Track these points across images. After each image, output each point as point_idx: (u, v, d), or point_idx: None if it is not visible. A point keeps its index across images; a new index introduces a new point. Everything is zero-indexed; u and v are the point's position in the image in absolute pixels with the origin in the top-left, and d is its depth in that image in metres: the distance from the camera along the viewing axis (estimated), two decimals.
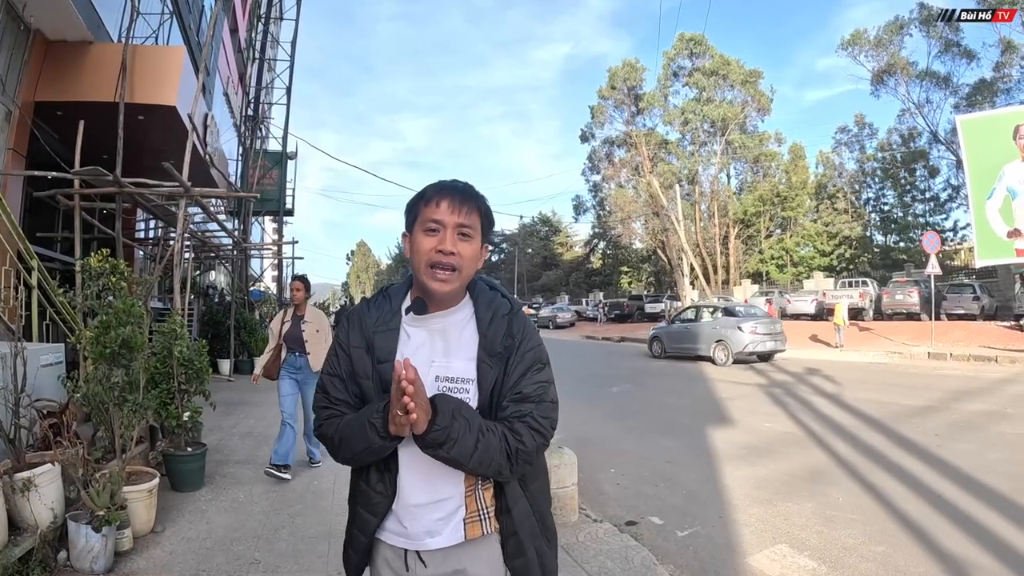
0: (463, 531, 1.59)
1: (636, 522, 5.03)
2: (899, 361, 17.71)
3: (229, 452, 6.85)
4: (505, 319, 1.65)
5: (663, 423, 9.34)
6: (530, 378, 1.61)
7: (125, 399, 4.73)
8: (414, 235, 1.63)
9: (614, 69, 51.79)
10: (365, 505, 1.63)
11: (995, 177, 22.92)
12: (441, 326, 1.65)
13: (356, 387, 1.65)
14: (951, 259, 39.62)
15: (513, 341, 1.62)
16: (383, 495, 1.60)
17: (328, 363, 1.70)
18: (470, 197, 1.63)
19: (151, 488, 4.45)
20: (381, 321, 1.65)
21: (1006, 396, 10.96)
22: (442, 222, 1.58)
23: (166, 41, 12.61)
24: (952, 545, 4.35)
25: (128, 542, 4.10)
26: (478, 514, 1.61)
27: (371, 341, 1.63)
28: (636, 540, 4.42)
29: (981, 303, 25.67)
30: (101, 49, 9.65)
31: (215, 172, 13.83)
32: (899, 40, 40.91)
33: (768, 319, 19.29)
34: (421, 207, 1.62)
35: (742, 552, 4.36)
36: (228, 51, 20.58)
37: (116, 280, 5.98)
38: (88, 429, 5.08)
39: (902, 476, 6.13)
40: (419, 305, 1.63)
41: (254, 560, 4.00)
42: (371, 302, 1.73)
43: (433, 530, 1.59)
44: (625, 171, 53.38)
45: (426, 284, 1.59)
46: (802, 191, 49.64)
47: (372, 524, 1.62)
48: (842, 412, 9.71)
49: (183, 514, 4.85)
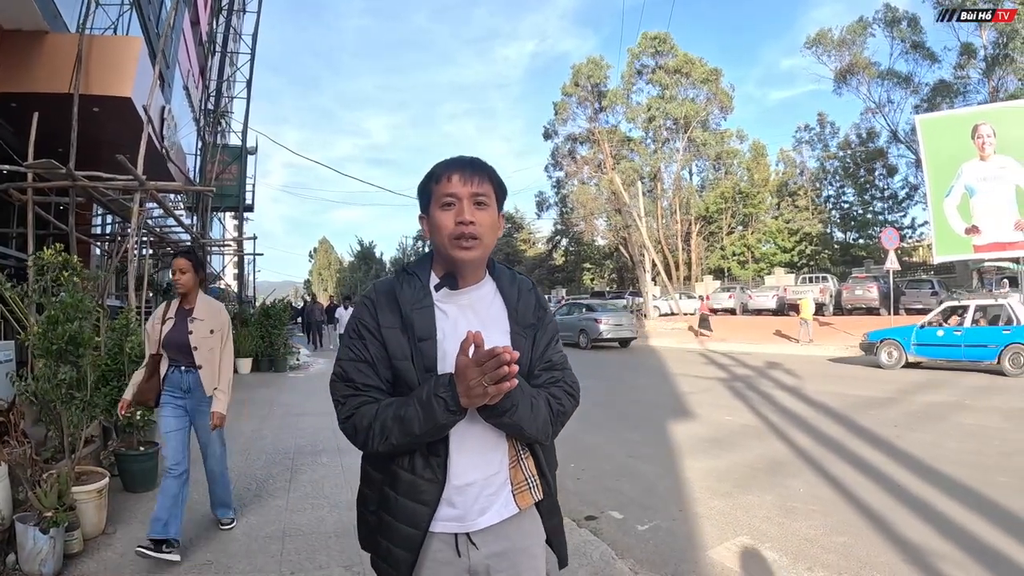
0: (514, 502, 1.62)
1: (596, 516, 5.00)
2: (860, 354, 17.96)
3: None
4: (532, 293, 1.73)
5: (627, 417, 9.35)
6: (555, 348, 1.74)
7: (73, 397, 4.59)
8: (431, 214, 1.61)
9: (578, 66, 51.80)
10: (412, 496, 1.54)
11: (953, 175, 23.47)
12: (469, 301, 1.65)
13: (388, 371, 1.59)
14: (910, 255, 40.56)
15: (544, 313, 1.74)
16: (432, 480, 1.54)
17: (350, 349, 1.62)
18: (480, 167, 1.62)
19: (100, 488, 4.31)
20: (415, 299, 1.60)
21: (964, 387, 11.24)
22: (456, 194, 1.57)
23: (126, 32, 12.35)
24: (912, 534, 4.39)
25: (78, 544, 3.98)
26: (526, 483, 1.64)
27: (410, 319, 1.57)
28: (595, 535, 4.38)
29: (939, 298, 26.14)
30: (57, 39, 9.40)
31: (173, 167, 13.57)
32: (862, 40, 41.59)
33: (618, 313, 24.82)
34: (433, 186, 1.61)
35: (702, 545, 4.35)
36: (189, 43, 20.23)
37: (68, 275, 5.81)
38: (42, 429, 4.94)
39: (862, 467, 6.20)
40: (452, 280, 1.62)
41: (207, 561, 3.91)
42: (399, 280, 1.66)
43: (484, 507, 1.58)
44: (588, 168, 53.45)
45: (453, 256, 1.57)
46: (763, 188, 50.28)
47: (425, 515, 1.53)
48: (803, 404, 9.84)
49: (135, 515, 4.70)
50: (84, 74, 9.18)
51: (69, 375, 4.62)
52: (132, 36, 11.84)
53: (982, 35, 35.31)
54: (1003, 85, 34.51)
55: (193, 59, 21.27)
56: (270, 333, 14.48)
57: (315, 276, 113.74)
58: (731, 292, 34.79)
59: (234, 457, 6.35)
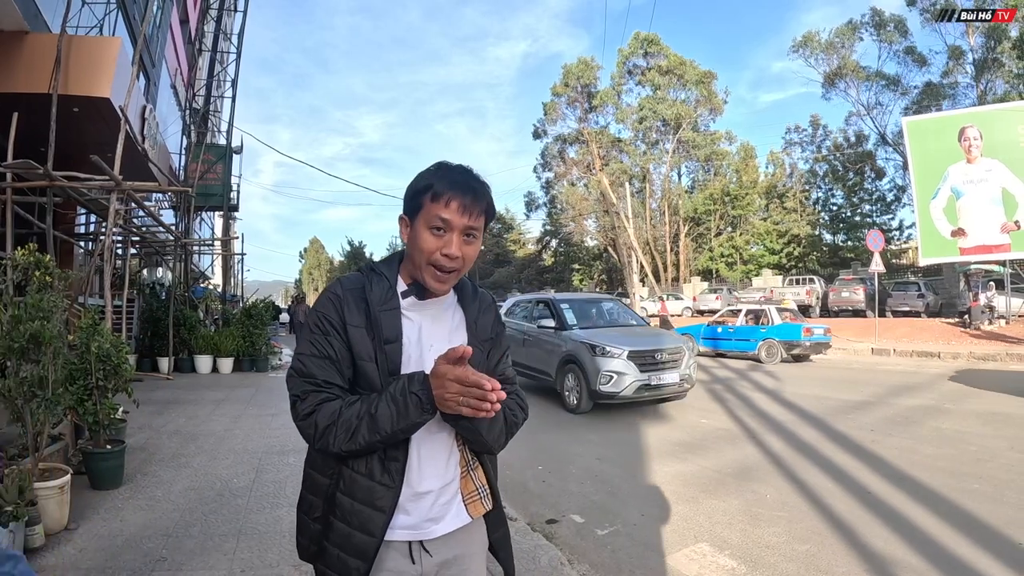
0: (466, 511, 1.63)
1: (557, 520, 4.97)
2: (843, 357, 18.04)
3: (154, 450, 6.66)
4: (491, 308, 1.76)
5: (597, 419, 9.29)
6: (506, 362, 1.78)
7: (35, 394, 4.59)
8: (416, 227, 1.55)
9: (568, 66, 51.94)
10: (368, 502, 1.51)
11: (940, 177, 23.56)
12: (433, 312, 1.65)
13: (350, 370, 1.55)
14: (897, 258, 40.67)
15: (502, 329, 1.78)
16: (389, 486, 1.51)
17: (312, 344, 1.55)
18: (480, 197, 1.56)
19: (62, 484, 4.35)
20: (384, 300, 1.57)
21: (945, 391, 11.17)
22: (451, 223, 1.51)
23: (112, 30, 12.33)
24: (879, 544, 4.34)
25: (40, 539, 4.02)
26: (477, 493, 1.66)
27: (377, 320, 1.55)
28: (548, 539, 4.36)
29: (926, 300, 26.34)
30: (37, 39, 9.41)
31: (154, 167, 13.53)
32: (851, 43, 41.66)
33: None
34: (427, 201, 1.53)
35: (661, 551, 4.33)
36: (178, 42, 20.17)
37: (41, 274, 5.79)
38: (17, 428, 4.95)
39: (834, 472, 6.17)
40: (420, 290, 1.60)
41: (161, 557, 3.93)
42: (368, 279, 1.62)
43: (437, 516, 1.58)
44: (577, 169, 53.70)
45: (425, 281, 1.56)
46: (752, 190, 50.31)
47: (381, 521, 1.50)
48: (780, 408, 9.83)
49: (98, 512, 4.74)
50: (63, 74, 9.17)
51: (31, 373, 4.63)
52: (111, 36, 11.79)
53: (970, 39, 35.44)
54: (991, 88, 34.61)
55: (182, 57, 21.22)
56: (251, 333, 14.42)
57: (305, 276, 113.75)
58: (718, 294, 34.89)
59: (201, 457, 6.41)
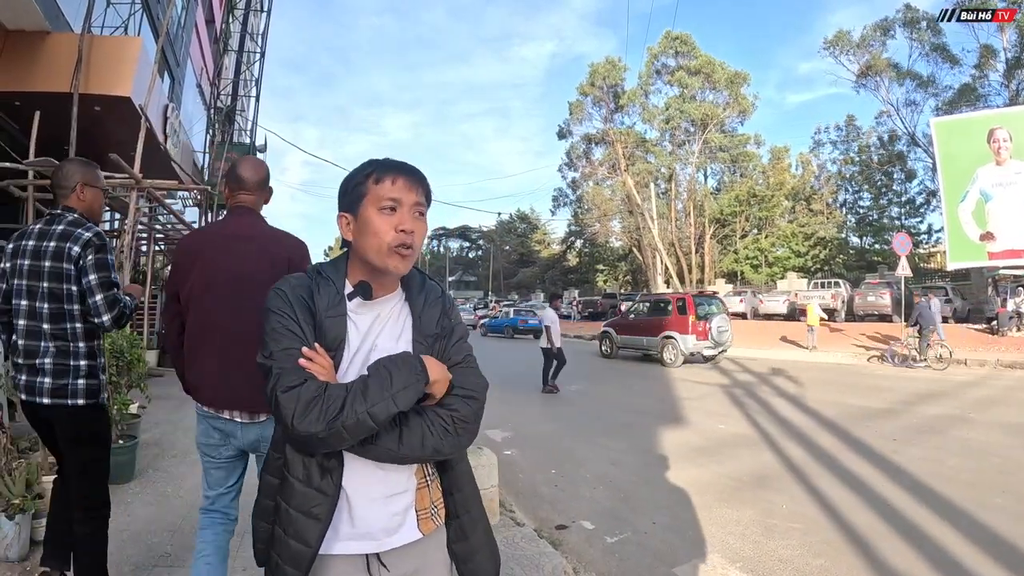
0: (417, 527, 1.58)
1: (567, 526, 4.91)
2: (865, 363, 17.78)
3: (168, 446, 6.69)
4: (439, 301, 1.68)
5: (614, 423, 9.21)
6: (458, 347, 1.65)
7: None
8: (364, 215, 1.54)
9: (595, 66, 51.73)
10: (304, 509, 1.48)
11: (968, 180, 23.16)
12: (380, 311, 1.62)
13: None
14: (926, 262, 40.11)
15: (450, 322, 1.67)
16: (326, 494, 1.48)
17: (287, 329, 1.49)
18: (421, 177, 1.59)
19: None
20: (331, 305, 1.54)
21: (970, 400, 10.89)
22: (400, 200, 1.53)
23: (137, 31, 12.46)
24: (898, 560, 4.15)
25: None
26: (429, 511, 1.61)
27: (322, 326, 1.52)
28: (554, 546, 4.27)
29: (953, 305, 25.87)
30: (58, 39, 9.57)
31: (176, 165, 13.64)
32: (882, 41, 41.17)
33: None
34: (371, 185, 1.54)
35: (669, 561, 4.23)
36: (203, 41, 20.33)
37: None
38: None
39: (853, 483, 5.97)
40: (366, 290, 1.57)
41: (165, 552, 3.94)
42: (315, 282, 1.58)
43: (392, 528, 1.55)
44: (602, 169, 53.55)
45: (387, 264, 1.53)
46: (779, 192, 49.85)
47: (316, 530, 1.47)
48: (800, 414, 9.64)
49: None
50: (84, 74, 9.29)
51: None
52: (132, 36, 11.94)
53: (1003, 37, 34.84)
54: (1023, 88, 34.01)
55: (208, 57, 21.38)
56: None
57: None
58: (742, 296, 34.44)
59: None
